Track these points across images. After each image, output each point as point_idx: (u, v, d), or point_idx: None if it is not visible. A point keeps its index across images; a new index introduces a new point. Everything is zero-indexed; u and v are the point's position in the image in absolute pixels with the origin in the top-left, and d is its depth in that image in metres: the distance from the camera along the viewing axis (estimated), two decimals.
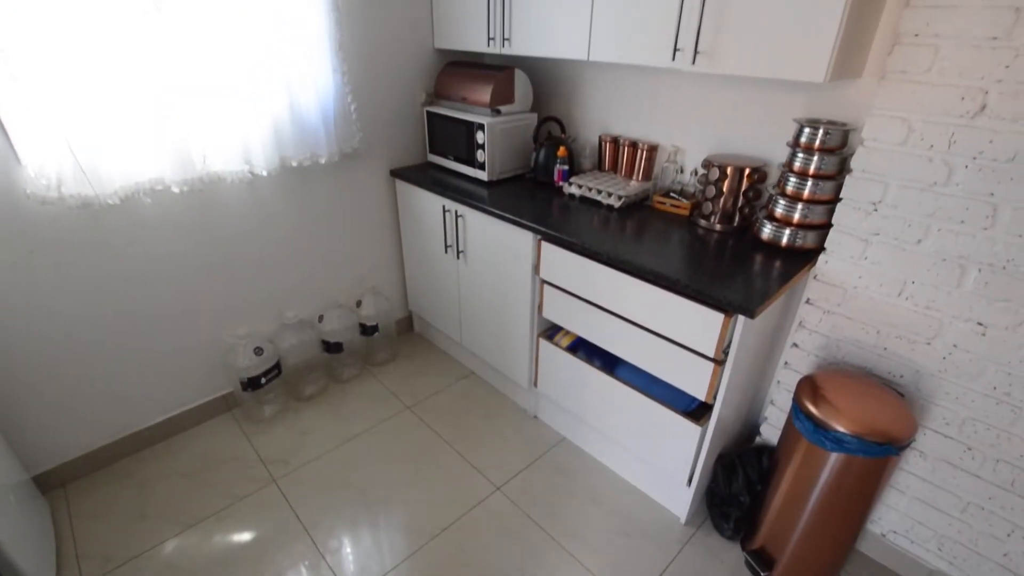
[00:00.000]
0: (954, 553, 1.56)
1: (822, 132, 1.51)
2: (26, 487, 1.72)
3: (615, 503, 1.91)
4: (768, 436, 1.88)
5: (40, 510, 1.74)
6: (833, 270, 1.59)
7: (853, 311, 1.58)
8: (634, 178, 2.13)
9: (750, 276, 1.50)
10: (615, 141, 2.18)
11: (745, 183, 1.73)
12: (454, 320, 2.47)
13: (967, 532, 1.52)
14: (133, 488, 1.93)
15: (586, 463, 2.07)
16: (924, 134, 1.33)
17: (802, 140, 1.55)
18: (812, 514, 1.48)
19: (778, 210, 1.63)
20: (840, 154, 1.53)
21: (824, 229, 1.58)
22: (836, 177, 1.54)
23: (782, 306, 1.66)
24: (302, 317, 2.35)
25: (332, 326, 2.37)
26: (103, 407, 1.95)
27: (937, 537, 1.58)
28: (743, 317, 1.40)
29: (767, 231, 1.65)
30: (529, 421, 2.28)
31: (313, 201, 2.27)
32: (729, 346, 1.47)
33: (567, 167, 2.16)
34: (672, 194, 1.98)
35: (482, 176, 2.24)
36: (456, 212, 2.16)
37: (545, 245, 1.83)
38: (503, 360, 2.28)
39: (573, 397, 2.01)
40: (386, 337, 2.59)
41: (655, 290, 1.55)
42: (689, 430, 1.64)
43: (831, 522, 1.49)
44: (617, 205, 1.97)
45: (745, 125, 1.81)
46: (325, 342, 2.40)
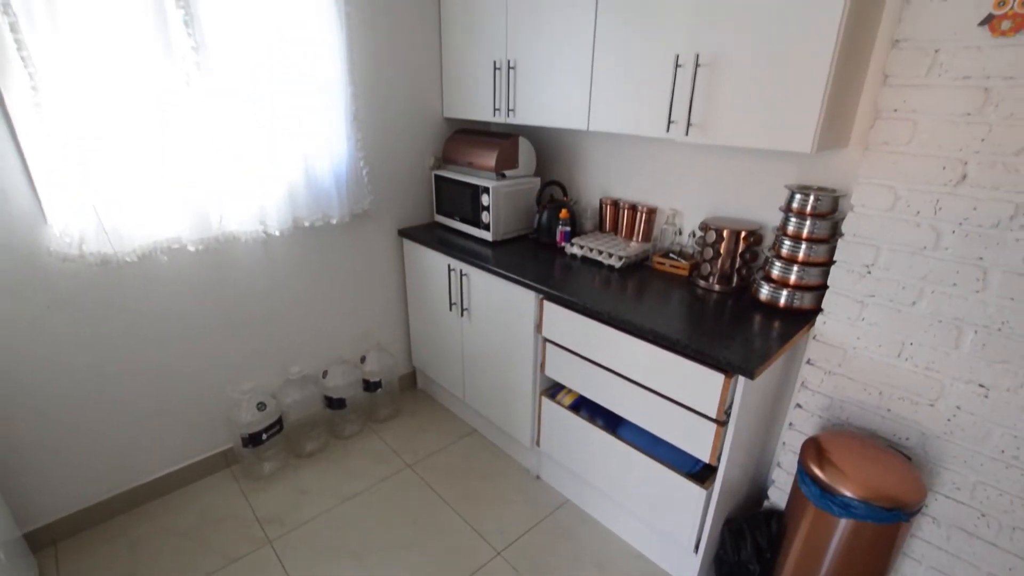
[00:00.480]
0: None
1: (812, 198, 1.57)
2: (17, 545, 1.68)
3: (620, 570, 1.83)
4: (776, 500, 1.83)
5: (29, 569, 1.70)
6: (832, 331, 1.60)
7: (854, 372, 1.58)
8: (634, 239, 2.19)
9: (749, 336, 1.51)
10: (615, 204, 2.26)
11: (742, 245, 1.78)
12: (457, 377, 2.48)
13: None
14: (125, 547, 1.88)
15: (590, 527, 2.01)
16: (910, 201, 1.38)
17: (794, 205, 1.61)
18: None
19: (775, 271, 1.67)
20: (831, 218, 1.59)
21: (820, 290, 1.61)
22: (829, 240, 1.59)
23: (783, 366, 1.66)
24: (306, 372, 2.36)
25: (336, 382, 2.38)
26: (103, 462, 1.94)
27: None
28: (743, 378, 1.41)
29: (765, 292, 1.69)
30: (532, 482, 2.23)
31: (323, 259, 2.34)
32: (731, 407, 1.46)
33: (569, 228, 2.23)
34: (671, 255, 2.03)
35: (487, 236, 2.31)
36: (461, 271, 2.22)
37: (547, 304, 1.87)
38: (506, 418, 2.26)
39: (576, 457, 1.98)
40: (389, 393, 2.59)
41: (655, 350, 1.57)
42: (694, 493, 1.61)
43: None
44: (618, 265, 2.02)
45: (740, 190, 1.88)
46: (328, 398, 2.40)
